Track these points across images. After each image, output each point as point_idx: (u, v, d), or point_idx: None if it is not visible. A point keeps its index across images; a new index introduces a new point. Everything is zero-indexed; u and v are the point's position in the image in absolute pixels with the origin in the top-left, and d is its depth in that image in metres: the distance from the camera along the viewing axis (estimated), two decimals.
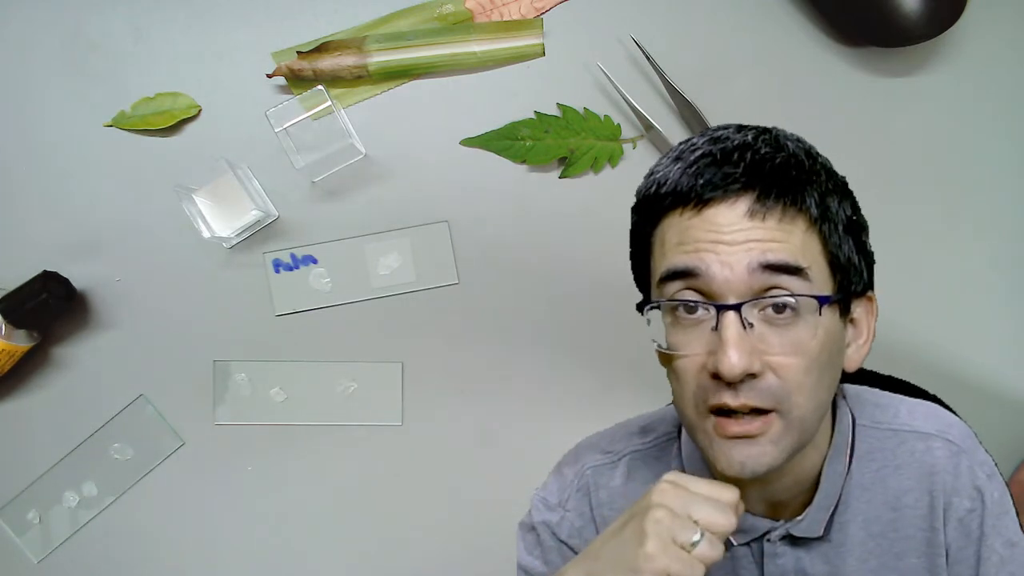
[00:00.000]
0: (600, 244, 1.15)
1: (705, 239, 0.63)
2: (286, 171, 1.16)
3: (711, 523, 0.61)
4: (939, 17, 1.11)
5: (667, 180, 0.66)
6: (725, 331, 0.61)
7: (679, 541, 0.60)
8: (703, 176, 0.63)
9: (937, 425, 0.74)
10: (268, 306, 1.22)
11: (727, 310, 0.61)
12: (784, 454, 0.64)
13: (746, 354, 0.61)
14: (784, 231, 0.62)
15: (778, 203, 0.62)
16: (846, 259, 0.66)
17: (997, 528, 0.71)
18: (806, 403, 0.63)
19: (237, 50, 1.20)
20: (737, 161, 0.63)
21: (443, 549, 1.24)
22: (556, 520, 0.80)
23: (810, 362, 0.63)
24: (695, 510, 0.61)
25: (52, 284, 1.16)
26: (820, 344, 0.63)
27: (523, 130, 1.19)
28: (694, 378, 0.64)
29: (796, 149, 0.66)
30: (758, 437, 0.62)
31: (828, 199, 0.65)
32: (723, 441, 0.63)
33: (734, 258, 0.62)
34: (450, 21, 1.19)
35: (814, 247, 0.64)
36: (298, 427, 1.23)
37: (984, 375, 1.20)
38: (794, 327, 0.62)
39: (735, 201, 0.63)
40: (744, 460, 0.63)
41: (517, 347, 1.22)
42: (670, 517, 0.61)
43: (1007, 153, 1.18)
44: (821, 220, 0.64)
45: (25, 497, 1.23)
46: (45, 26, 1.19)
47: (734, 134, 0.66)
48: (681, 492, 0.62)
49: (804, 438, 0.65)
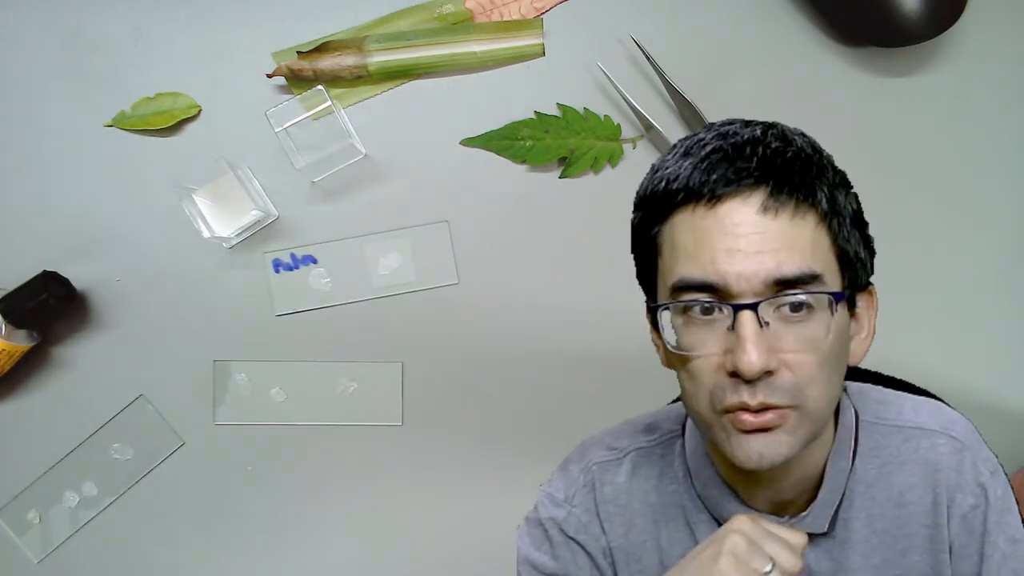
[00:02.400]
0: (600, 244, 1.16)
1: (720, 246, 0.62)
2: (286, 171, 1.16)
3: (781, 560, 0.63)
4: (939, 17, 1.11)
5: (677, 176, 0.65)
6: (743, 329, 0.61)
7: (752, 566, 0.62)
8: (715, 171, 0.63)
9: (941, 422, 0.74)
10: (268, 306, 1.22)
11: (744, 309, 0.61)
12: (800, 444, 0.64)
13: (764, 352, 0.61)
14: (797, 227, 0.62)
15: (791, 198, 0.62)
16: (854, 253, 0.66)
17: (1000, 524, 0.72)
18: (820, 396, 0.64)
19: (237, 50, 1.20)
20: (749, 156, 0.63)
21: (443, 549, 1.24)
22: (563, 516, 0.80)
23: (823, 357, 0.63)
24: (768, 545, 0.64)
25: (52, 284, 1.16)
26: (832, 339, 0.63)
27: (523, 130, 1.19)
28: (710, 377, 0.64)
29: (803, 144, 0.66)
30: (774, 429, 0.63)
31: (836, 193, 0.65)
32: (740, 435, 0.63)
33: (750, 269, 0.61)
34: (450, 21, 1.19)
35: (824, 243, 0.64)
36: (298, 427, 1.23)
37: (983, 377, 1.20)
38: (808, 324, 0.63)
39: (748, 196, 0.62)
40: (762, 451, 0.63)
41: (517, 347, 1.22)
42: (746, 543, 0.63)
43: (1007, 153, 1.18)
44: (831, 215, 0.64)
45: (25, 497, 1.23)
46: (45, 26, 1.19)
47: (742, 129, 0.66)
48: (757, 527, 0.65)
49: (817, 429, 0.66)
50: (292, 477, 1.24)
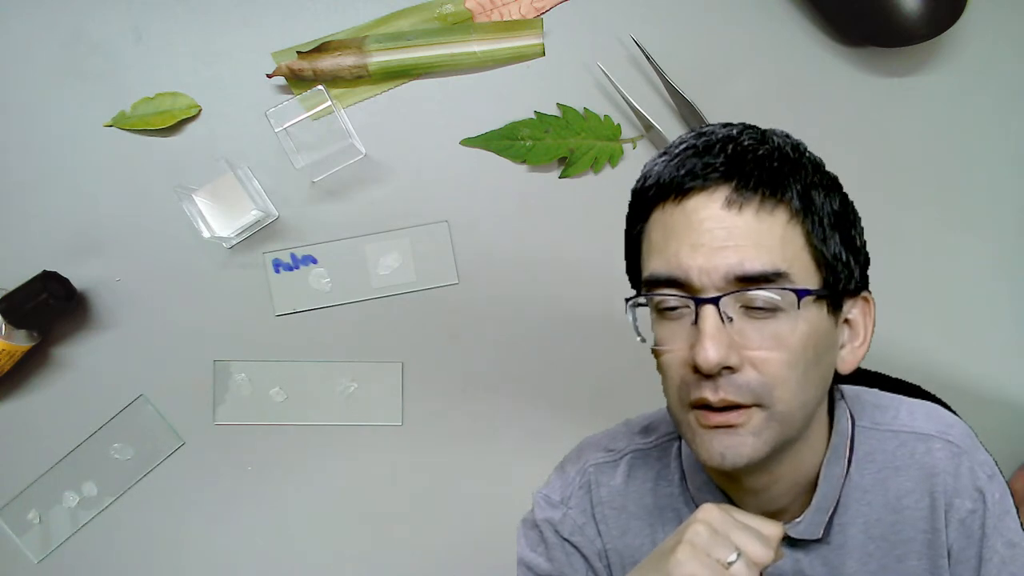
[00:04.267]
0: (600, 244, 1.15)
1: (686, 241, 0.63)
2: (286, 171, 1.16)
3: (749, 551, 0.62)
4: (939, 17, 1.11)
5: (652, 174, 0.67)
6: (703, 324, 0.62)
7: (713, 556, 0.61)
8: (684, 167, 0.64)
9: (937, 426, 0.74)
10: (268, 306, 1.22)
11: (705, 303, 0.62)
12: (766, 447, 0.64)
13: (723, 347, 0.61)
14: (764, 223, 0.62)
15: (756, 193, 0.63)
16: (832, 254, 0.65)
17: (999, 528, 0.71)
18: (791, 399, 0.63)
19: (237, 50, 1.20)
20: (718, 152, 0.64)
21: (443, 549, 1.24)
22: (559, 517, 0.80)
23: (793, 357, 0.63)
24: (736, 535, 0.62)
25: (52, 284, 1.16)
26: (802, 338, 0.63)
27: (523, 130, 1.19)
28: (677, 372, 0.65)
29: (782, 143, 0.66)
30: (738, 427, 0.63)
31: (812, 192, 0.65)
32: (704, 431, 0.64)
33: (711, 264, 0.62)
34: (450, 21, 1.19)
35: (796, 240, 0.64)
36: (298, 427, 1.23)
37: (983, 377, 1.20)
38: (774, 321, 0.63)
39: (714, 191, 0.63)
40: (724, 451, 0.63)
41: (517, 347, 1.22)
42: (709, 532, 0.62)
43: (1007, 153, 1.18)
44: (804, 213, 0.64)
45: (25, 497, 1.23)
46: (45, 26, 1.19)
47: (720, 129, 0.67)
48: (725, 516, 0.64)
49: (788, 433, 0.65)
50: (292, 477, 1.24)
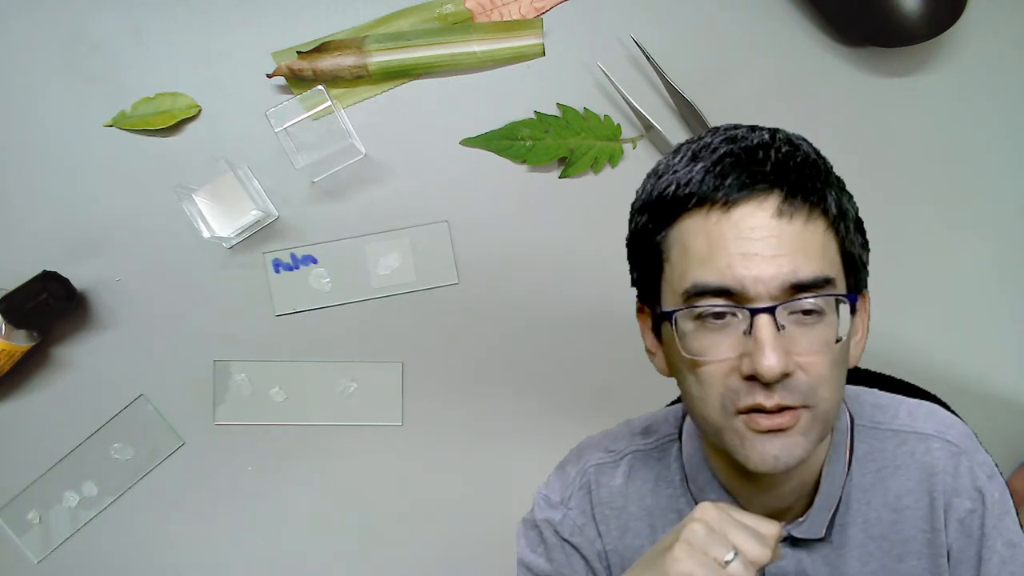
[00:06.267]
0: (600, 244, 1.15)
1: (736, 251, 0.62)
2: (286, 171, 1.16)
3: (746, 549, 0.62)
4: (939, 17, 1.11)
5: (689, 180, 0.64)
6: (761, 333, 0.61)
7: (710, 555, 0.61)
8: (729, 175, 0.63)
9: (936, 426, 0.74)
10: (268, 306, 1.22)
11: (761, 313, 0.61)
12: (812, 445, 0.64)
13: (783, 355, 0.61)
14: (809, 232, 0.63)
15: (804, 203, 0.63)
16: (857, 256, 0.66)
17: (998, 528, 0.71)
18: (831, 396, 0.64)
19: (237, 50, 1.20)
20: (763, 160, 0.63)
21: (443, 549, 1.24)
22: (558, 518, 0.80)
23: (834, 358, 0.64)
24: (733, 534, 0.62)
25: (52, 284, 1.16)
26: (842, 341, 0.64)
27: (523, 130, 1.19)
28: (722, 381, 0.64)
29: (808, 149, 0.66)
30: (789, 430, 0.63)
31: (842, 197, 0.66)
32: (755, 436, 0.63)
33: (767, 273, 0.61)
34: (450, 21, 1.19)
35: (832, 247, 0.64)
36: (298, 427, 1.23)
37: (983, 377, 1.20)
38: (820, 326, 0.63)
39: (763, 200, 0.62)
40: (778, 453, 0.63)
41: (517, 347, 1.22)
42: (706, 531, 0.62)
43: (1007, 153, 1.18)
44: (839, 219, 0.64)
45: (25, 497, 1.23)
46: (45, 26, 1.19)
47: (749, 133, 0.66)
48: (723, 515, 0.64)
49: (826, 429, 0.66)
50: (292, 477, 1.24)
